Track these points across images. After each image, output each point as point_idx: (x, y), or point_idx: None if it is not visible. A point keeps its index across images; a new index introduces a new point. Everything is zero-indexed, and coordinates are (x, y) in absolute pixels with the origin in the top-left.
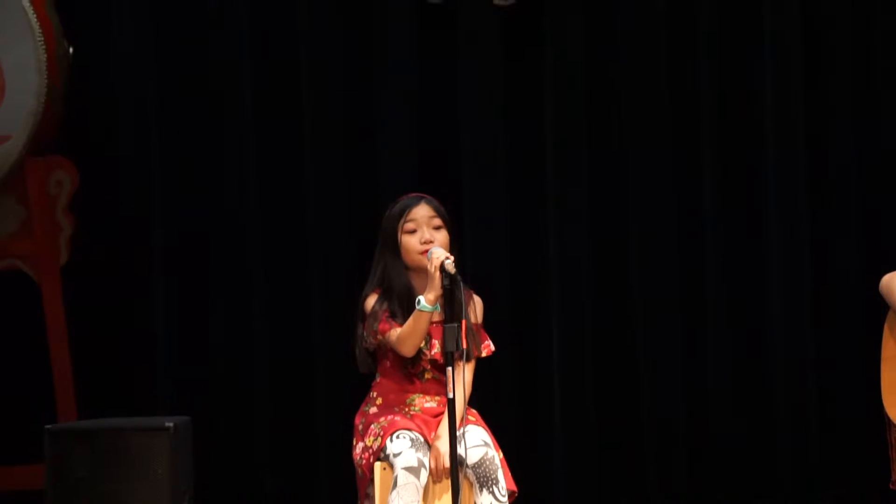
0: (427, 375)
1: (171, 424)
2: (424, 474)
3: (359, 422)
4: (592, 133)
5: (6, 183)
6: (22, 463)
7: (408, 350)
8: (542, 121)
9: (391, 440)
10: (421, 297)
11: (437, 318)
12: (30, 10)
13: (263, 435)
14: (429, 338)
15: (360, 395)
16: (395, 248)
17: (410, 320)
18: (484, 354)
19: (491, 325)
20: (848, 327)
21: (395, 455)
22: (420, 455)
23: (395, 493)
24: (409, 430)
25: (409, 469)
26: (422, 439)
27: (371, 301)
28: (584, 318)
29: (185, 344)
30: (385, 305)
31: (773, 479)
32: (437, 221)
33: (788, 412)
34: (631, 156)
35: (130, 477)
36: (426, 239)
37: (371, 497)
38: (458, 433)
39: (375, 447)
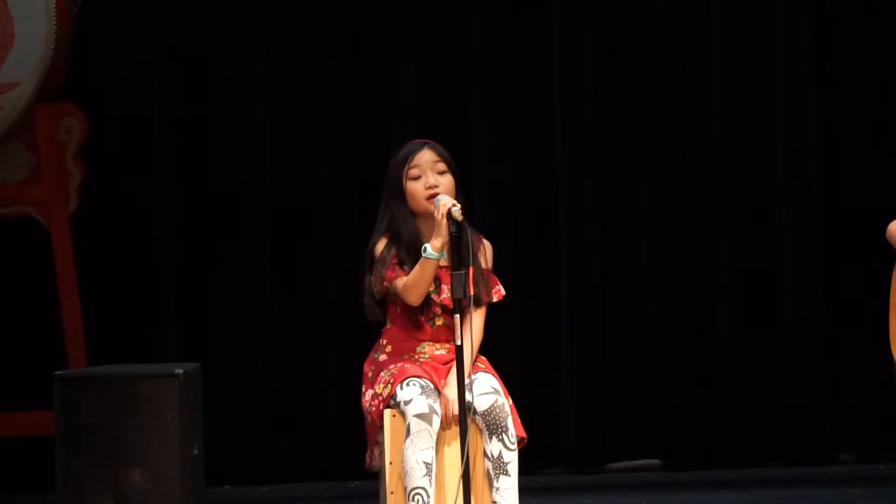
0: (438, 322)
1: (181, 371)
2: (436, 420)
3: (368, 369)
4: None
5: (16, 129)
6: (32, 409)
7: (413, 299)
8: (552, 60)
9: (401, 387)
10: (427, 245)
11: (444, 263)
12: None
13: (272, 383)
14: (438, 282)
15: (369, 342)
16: (400, 194)
17: (416, 268)
18: (495, 299)
19: (499, 271)
20: (859, 287)
21: (406, 402)
22: (430, 402)
23: (409, 440)
24: (419, 377)
25: (420, 416)
26: (431, 386)
27: (380, 247)
28: (593, 265)
29: (194, 291)
30: (393, 251)
31: (779, 435)
32: (442, 166)
33: (796, 375)
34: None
35: (139, 423)
36: (431, 184)
37: (381, 444)
38: (466, 380)
39: (385, 394)
